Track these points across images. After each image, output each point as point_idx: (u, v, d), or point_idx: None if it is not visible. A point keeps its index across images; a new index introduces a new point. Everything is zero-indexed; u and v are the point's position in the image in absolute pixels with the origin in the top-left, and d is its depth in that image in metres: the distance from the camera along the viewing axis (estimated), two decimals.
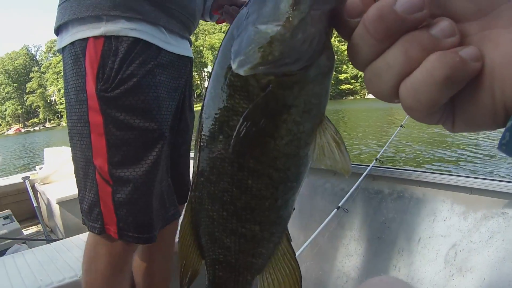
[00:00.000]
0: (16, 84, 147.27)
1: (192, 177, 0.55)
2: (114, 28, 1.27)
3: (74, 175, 1.47)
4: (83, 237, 2.64)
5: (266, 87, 0.43)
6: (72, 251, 2.38)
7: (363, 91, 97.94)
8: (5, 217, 3.99)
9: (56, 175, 4.77)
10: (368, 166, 2.33)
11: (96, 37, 1.27)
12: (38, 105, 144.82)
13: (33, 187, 4.68)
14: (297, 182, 0.51)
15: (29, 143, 41.70)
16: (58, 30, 1.41)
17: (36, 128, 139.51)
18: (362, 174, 2.27)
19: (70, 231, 3.56)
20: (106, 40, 1.27)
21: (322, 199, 2.48)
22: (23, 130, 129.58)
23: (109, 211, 1.35)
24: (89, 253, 1.45)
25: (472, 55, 0.32)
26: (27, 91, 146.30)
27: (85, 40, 1.28)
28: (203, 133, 0.50)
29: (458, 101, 0.36)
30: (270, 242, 0.55)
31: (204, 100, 0.50)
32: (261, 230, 0.53)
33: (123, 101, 1.29)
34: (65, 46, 1.36)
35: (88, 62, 1.28)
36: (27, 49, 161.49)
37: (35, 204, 4.32)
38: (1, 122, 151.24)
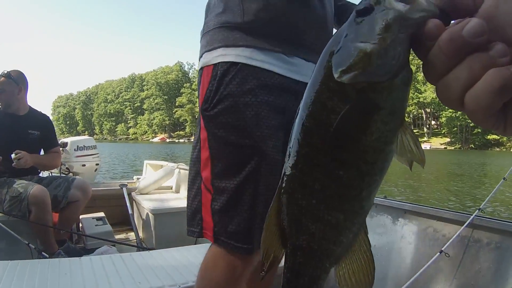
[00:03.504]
0: (166, 97, 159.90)
1: (283, 169, 0.61)
2: (208, 59, 1.50)
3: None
4: (182, 249, 2.73)
5: (361, 92, 0.51)
6: (170, 261, 2.45)
7: (509, 143, 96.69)
8: (98, 219, 4.19)
9: (153, 187, 4.95)
10: (471, 215, 2.36)
11: (208, 66, 1.49)
12: (186, 119, 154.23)
13: (129, 195, 4.86)
14: (380, 175, 0.57)
15: (172, 152, 44.53)
16: None
17: (181, 140, 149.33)
18: (465, 222, 2.31)
19: (161, 242, 3.64)
20: (214, 68, 1.47)
21: (423, 243, 2.49)
22: (167, 140, 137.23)
23: (208, 217, 1.48)
24: (207, 262, 1.54)
25: None
26: (176, 104, 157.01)
27: (200, 70, 1.55)
28: (299, 128, 0.58)
29: (510, 108, 0.45)
30: (351, 232, 0.60)
31: (302, 101, 0.58)
32: (345, 219, 0.59)
33: (220, 119, 1.45)
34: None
35: (201, 88, 1.51)
36: (181, 66, 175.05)
37: (130, 212, 4.47)
38: (148, 129, 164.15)
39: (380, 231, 2.61)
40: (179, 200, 4.51)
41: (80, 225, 4.20)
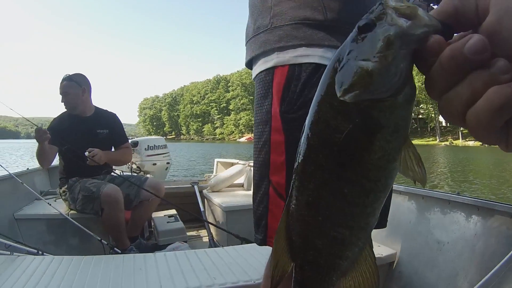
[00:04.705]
0: (252, 97, 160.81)
1: (291, 185, 0.63)
2: (284, 59, 1.40)
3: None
4: (256, 246, 2.61)
5: (364, 111, 0.51)
6: (244, 257, 2.43)
7: None
8: (170, 216, 4.25)
9: (225, 185, 4.98)
10: None
11: (283, 66, 1.40)
12: None
13: (201, 192, 4.90)
14: (384, 192, 0.57)
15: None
16: (249, 64, 1.61)
17: None
18: None
19: (233, 239, 3.54)
20: (290, 68, 1.38)
21: (497, 240, 2.34)
22: None
23: (277, 224, 1.37)
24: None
25: None
26: None
27: (272, 68, 1.43)
28: (305, 147, 0.59)
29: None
30: (356, 246, 0.61)
31: (307, 118, 0.60)
32: (350, 234, 0.59)
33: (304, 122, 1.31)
34: (256, 75, 1.52)
35: (275, 87, 1.41)
36: None
37: (202, 209, 4.50)
38: (235, 129, 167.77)
39: (453, 228, 2.50)
40: (250, 197, 4.36)
41: (152, 223, 4.27)
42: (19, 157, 37.20)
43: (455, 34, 0.48)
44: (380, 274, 2.56)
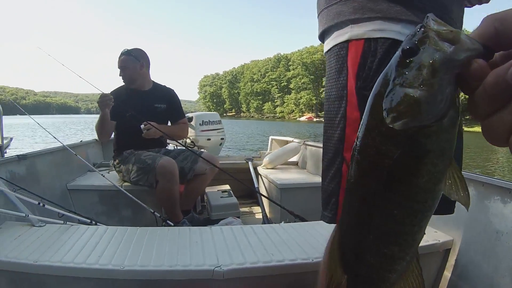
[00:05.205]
0: (312, 77, 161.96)
1: (343, 204, 0.70)
2: (359, 32, 1.35)
3: (322, 165, 1.56)
4: (313, 224, 2.63)
5: (412, 137, 0.53)
6: (301, 234, 2.36)
7: None
8: (224, 191, 4.24)
9: (279, 162, 4.91)
10: None
11: (357, 39, 1.35)
12: None
13: (255, 169, 4.85)
14: (430, 211, 0.60)
15: (317, 131, 44.76)
16: (321, 37, 1.57)
17: None
18: None
19: (287, 216, 3.49)
20: (366, 42, 1.33)
21: None
22: (314, 120, 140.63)
23: None
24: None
25: None
26: (322, 84, 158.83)
27: (346, 42, 1.38)
28: (355, 169, 0.62)
29: None
30: (404, 261, 0.65)
31: (358, 142, 0.61)
32: (399, 250, 0.63)
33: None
34: (329, 49, 1.49)
35: (350, 62, 1.37)
36: None
37: (256, 185, 4.44)
38: (295, 108, 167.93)
39: (492, 211, 2.36)
40: (305, 175, 4.42)
41: (205, 197, 4.25)
42: (79, 130, 38.77)
43: (496, 54, 0.48)
44: (436, 261, 2.53)
